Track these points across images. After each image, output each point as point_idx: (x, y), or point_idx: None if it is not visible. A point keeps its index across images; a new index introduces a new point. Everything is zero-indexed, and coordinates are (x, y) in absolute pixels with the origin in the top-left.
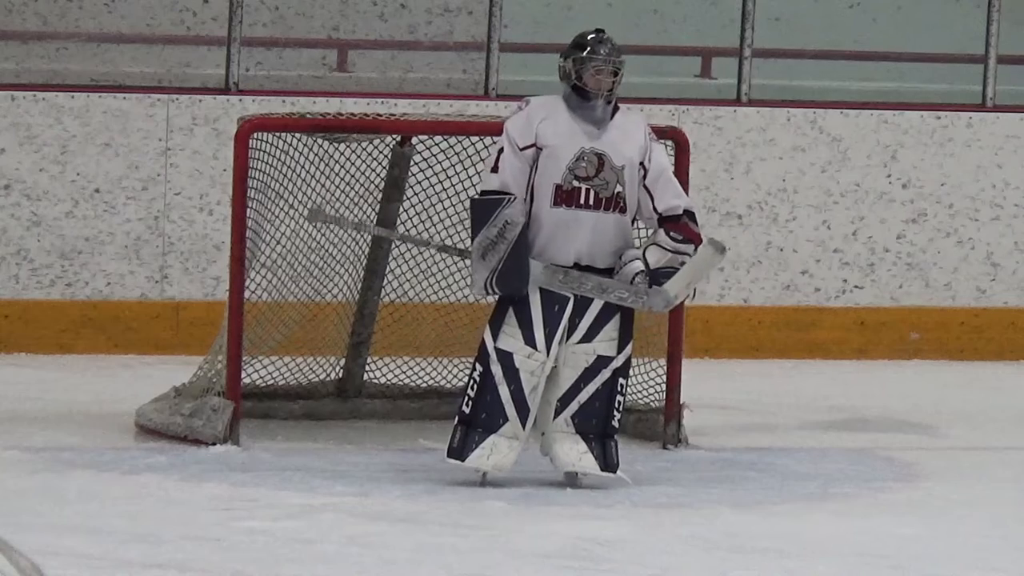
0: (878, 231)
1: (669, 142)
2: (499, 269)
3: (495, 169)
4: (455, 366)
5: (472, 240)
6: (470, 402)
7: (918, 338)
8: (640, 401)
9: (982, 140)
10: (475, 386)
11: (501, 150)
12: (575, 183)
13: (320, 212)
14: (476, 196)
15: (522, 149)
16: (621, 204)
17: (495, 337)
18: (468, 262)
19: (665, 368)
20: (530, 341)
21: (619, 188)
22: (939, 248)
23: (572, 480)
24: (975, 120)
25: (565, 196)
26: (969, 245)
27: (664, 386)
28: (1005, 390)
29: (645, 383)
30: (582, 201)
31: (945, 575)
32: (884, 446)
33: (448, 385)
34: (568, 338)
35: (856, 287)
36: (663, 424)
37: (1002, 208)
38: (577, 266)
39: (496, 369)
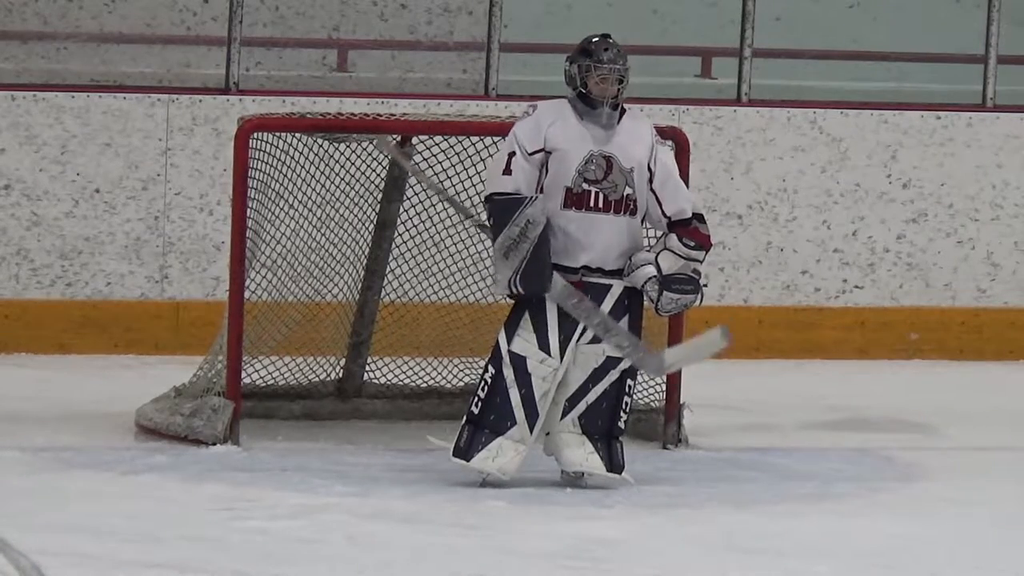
0: (878, 231)
1: (669, 142)
2: (522, 268)
3: (507, 172)
4: (455, 366)
5: (493, 240)
6: (479, 403)
7: (918, 338)
8: (640, 401)
9: (982, 140)
10: (485, 387)
11: (512, 154)
12: (585, 186)
13: (385, 143)
14: (494, 196)
15: (531, 154)
16: (631, 206)
17: (509, 340)
18: (468, 221)
19: None
20: (544, 347)
21: (628, 190)
22: (939, 248)
23: (572, 480)
24: (975, 120)
25: (575, 199)
26: (969, 245)
27: (664, 386)
28: (1005, 390)
29: (645, 383)
30: (592, 204)
31: (945, 575)
32: (884, 446)
33: (448, 385)
34: (579, 338)
35: (856, 287)
36: (663, 424)
37: (1002, 208)
38: (587, 268)
39: (508, 372)
